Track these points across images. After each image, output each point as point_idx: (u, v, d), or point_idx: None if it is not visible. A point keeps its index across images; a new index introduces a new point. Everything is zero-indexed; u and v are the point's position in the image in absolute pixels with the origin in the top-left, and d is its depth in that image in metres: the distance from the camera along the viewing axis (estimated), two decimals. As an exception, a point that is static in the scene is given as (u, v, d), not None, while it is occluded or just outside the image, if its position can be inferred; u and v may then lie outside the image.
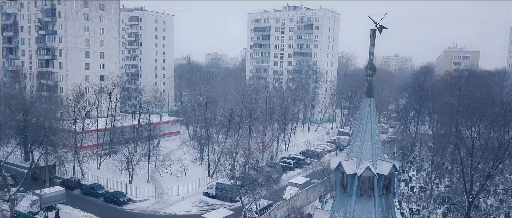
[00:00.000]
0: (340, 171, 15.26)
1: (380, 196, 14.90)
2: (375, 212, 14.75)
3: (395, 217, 15.20)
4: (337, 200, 15.59)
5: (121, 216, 48.45)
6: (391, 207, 15.22)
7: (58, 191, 49.19)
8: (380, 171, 14.73)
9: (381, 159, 15.12)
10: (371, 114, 15.31)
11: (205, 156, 67.06)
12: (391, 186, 15.21)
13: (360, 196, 14.95)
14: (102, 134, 73.15)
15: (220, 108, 75.83)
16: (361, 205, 14.93)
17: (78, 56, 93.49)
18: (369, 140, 15.21)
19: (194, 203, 53.20)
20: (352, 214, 14.89)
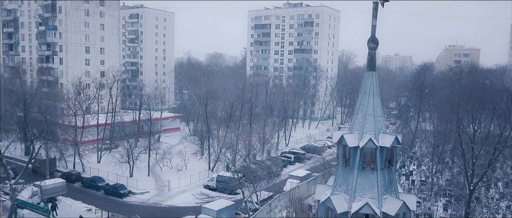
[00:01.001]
0: (342, 145, 15.22)
1: (383, 169, 14.86)
2: (378, 185, 14.71)
3: (398, 190, 15.17)
4: (339, 174, 15.55)
5: (121, 208, 48.33)
6: (393, 181, 15.18)
7: (58, 183, 49.14)
8: (382, 143, 14.70)
9: (384, 133, 15.09)
10: (373, 87, 15.27)
11: (206, 150, 67.01)
12: (394, 159, 15.17)
13: (362, 169, 14.91)
14: (103, 129, 73.17)
15: (220, 103, 75.68)
16: (363, 178, 14.90)
17: (78, 51, 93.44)
18: (371, 114, 15.18)
19: (194, 195, 53.18)
20: (354, 187, 14.86)
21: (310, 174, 56.25)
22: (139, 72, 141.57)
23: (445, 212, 47.90)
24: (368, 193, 14.72)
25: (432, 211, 47.43)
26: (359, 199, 14.70)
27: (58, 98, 68.12)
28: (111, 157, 60.03)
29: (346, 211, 14.69)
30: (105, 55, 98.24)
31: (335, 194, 15.08)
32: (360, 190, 14.81)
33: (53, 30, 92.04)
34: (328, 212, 15.11)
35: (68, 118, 64.65)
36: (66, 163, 63.22)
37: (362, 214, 14.36)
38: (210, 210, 40.07)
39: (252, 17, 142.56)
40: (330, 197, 14.85)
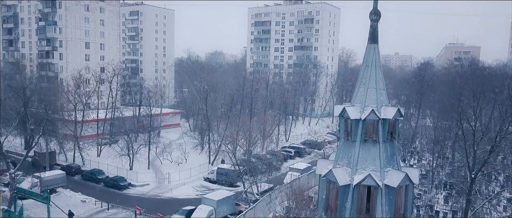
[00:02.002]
0: (344, 118, 15.09)
1: (385, 142, 14.71)
2: (380, 158, 14.58)
3: (400, 164, 15.05)
4: (341, 148, 15.42)
5: (121, 200, 48.19)
6: (395, 154, 15.05)
7: (58, 175, 49.09)
8: (384, 115, 14.56)
9: (386, 105, 14.97)
10: (376, 60, 15.14)
11: (206, 144, 66.90)
12: (396, 132, 15.04)
13: (364, 142, 14.77)
14: (103, 124, 73.07)
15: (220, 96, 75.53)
16: (365, 150, 14.76)
17: (78, 47, 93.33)
18: (373, 86, 15.05)
19: (194, 187, 53.10)
20: (356, 160, 14.73)
21: (310, 167, 56.14)
22: (139, 69, 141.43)
23: (446, 204, 47.83)
24: (370, 166, 14.59)
25: (433, 203, 47.36)
26: (361, 172, 14.56)
27: (57, 92, 67.82)
28: (111, 150, 59.98)
29: (348, 184, 14.57)
30: (105, 51, 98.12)
31: (337, 167, 14.96)
32: (362, 163, 14.67)
33: (53, 25, 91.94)
34: (330, 185, 14.97)
35: (68, 112, 64.50)
36: (66, 156, 63.12)
37: (364, 186, 14.24)
38: (210, 200, 39.99)
39: (252, 14, 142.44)
40: (331, 170, 14.71)
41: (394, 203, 14.41)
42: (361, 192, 14.35)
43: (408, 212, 14.93)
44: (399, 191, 14.35)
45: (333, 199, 14.89)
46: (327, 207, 15.20)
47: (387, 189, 14.42)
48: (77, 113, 65.56)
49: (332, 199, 14.95)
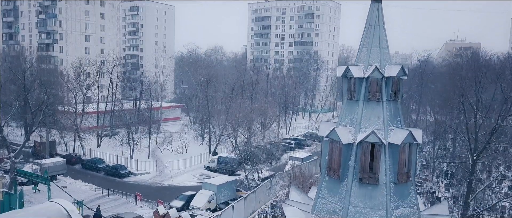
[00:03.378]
0: (348, 77, 14.97)
1: (388, 101, 14.58)
2: (383, 116, 14.44)
3: (403, 123, 14.93)
4: (344, 108, 15.31)
5: (121, 187, 48.10)
6: (399, 113, 14.92)
7: (58, 162, 49.02)
8: (388, 73, 14.44)
9: (389, 64, 14.85)
10: (379, 19, 15.00)
11: (206, 134, 66.78)
12: (399, 91, 14.90)
13: (367, 101, 14.63)
14: (103, 116, 72.95)
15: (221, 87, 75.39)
16: (368, 109, 14.62)
17: (78, 40, 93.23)
18: (377, 45, 14.90)
19: (195, 176, 53.02)
20: (359, 119, 14.60)
21: (311, 156, 56.08)
22: (139, 64, 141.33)
23: (447, 192, 47.75)
24: (374, 125, 14.45)
25: (434, 190, 47.31)
26: (364, 130, 14.43)
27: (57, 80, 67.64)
28: (111, 141, 59.93)
29: (351, 143, 14.45)
30: (105, 44, 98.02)
31: (340, 127, 14.85)
32: (365, 122, 14.54)
33: (53, 18, 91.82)
34: (333, 145, 14.83)
35: (68, 101, 64.40)
36: (66, 146, 63.04)
37: (367, 144, 14.11)
38: (211, 185, 39.89)
39: (252, 10, 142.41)
40: (334, 129, 14.57)
41: (398, 161, 14.29)
42: (365, 150, 14.22)
43: (412, 171, 14.81)
44: (403, 149, 14.22)
45: (336, 158, 14.76)
46: (330, 167, 15.06)
47: (390, 147, 14.31)
48: (78, 105, 65.56)
49: (335, 159, 14.81)
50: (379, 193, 14.21)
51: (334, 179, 14.88)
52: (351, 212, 14.21)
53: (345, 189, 14.47)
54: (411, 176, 14.79)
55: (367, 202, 14.20)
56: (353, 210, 14.21)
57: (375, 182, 14.19)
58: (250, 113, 54.53)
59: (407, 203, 14.43)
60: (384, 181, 14.17)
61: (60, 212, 29.22)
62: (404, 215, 14.21)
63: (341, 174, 14.61)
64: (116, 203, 42.09)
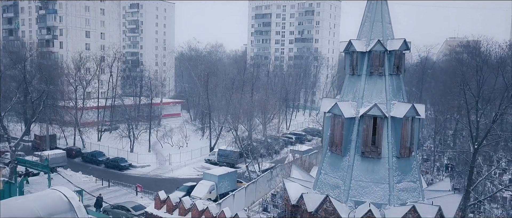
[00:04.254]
0: (350, 52, 14.90)
1: (391, 75, 14.53)
2: (386, 90, 14.39)
3: (405, 98, 14.86)
4: (346, 84, 15.25)
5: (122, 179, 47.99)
6: (401, 88, 14.87)
7: (59, 154, 48.94)
8: (391, 47, 14.38)
9: (392, 39, 14.79)
10: (382, -6, 14.94)
11: (207, 128, 66.65)
12: (402, 65, 14.84)
13: (370, 75, 14.58)
14: (103, 111, 72.78)
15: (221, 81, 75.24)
16: (370, 84, 14.57)
17: (78, 35, 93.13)
18: (379, 20, 14.84)
19: (195, 168, 52.93)
20: (361, 93, 14.54)
21: (311, 149, 56.00)
22: (139, 62, 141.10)
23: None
24: (376, 99, 14.40)
25: (434, 182, 47.15)
26: (366, 105, 14.37)
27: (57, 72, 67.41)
28: (112, 134, 59.85)
29: (354, 117, 14.39)
30: (106, 41, 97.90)
31: (342, 101, 14.79)
32: (367, 96, 14.49)
33: (53, 14, 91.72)
34: (335, 120, 14.76)
35: (68, 94, 64.31)
36: (67, 140, 62.94)
37: (370, 117, 14.04)
38: (211, 175, 39.80)
39: (252, 7, 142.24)
40: (337, 103, 14.51)
41: (400, 135, 14.24)
42: (367, 124, 14.17)
43: (414, 146, 14.76)
44: (405, 123, 14.18)
45: (338, 133, 14.70)
46: (332, 143, 15.01)
47: (393, 121, 14.27)
48: (78, 99, 65.44)
49: (337, 133, 14.75)
50: (382, 167, 14.17)
51: (336, 154, 14.83)
52: (354, 186, 14.15)
53: (347, 164, 14.43)
54: (413, 151, 14.75)
55: (369, 176, 14.16)
56: (356, 184, 14.16)
57: (377, 156, 14.15)
58: (250, 104, 54.42)
59: (410, 178, 14.39)
60: (386, 155, 14.14)
61: (61, 199, 29.05)
62: (406, 189, 14.16)
63: (343, 149, 14.56)
64: (116, 194, 42.01)
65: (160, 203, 25.46)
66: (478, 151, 31.61)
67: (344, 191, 14.24)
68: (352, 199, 14.08)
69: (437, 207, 13.17)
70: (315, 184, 15.49)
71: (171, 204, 24.75)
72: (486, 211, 37.81)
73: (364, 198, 13.91)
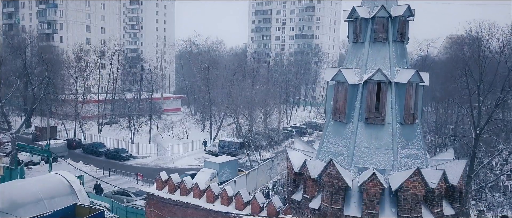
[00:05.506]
0: (353, 19, 14.81)
1: (395, 41, 14.41)
2: (389, 56, 14.29)
3: (409, 65, 14.77)
4: (350, 52, 15.17)
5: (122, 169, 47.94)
6: (405, 55, 14.77)
7: (59, 144, 48.94)
8: (395, 13, 14.28)
9: (395, 5, 14.69)
10: (385, -40, 14.84)
11: (207, 121, 66.65)
12: (406, 32, 14.74)
13: (373, 42, 14.47)
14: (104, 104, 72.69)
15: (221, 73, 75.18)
16: (374, 50, 14.47)
17: (79, 30, 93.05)
18: (382, -13, 14.74)
19: (196, 159, 52.89)
20: (365, 60, 14.45)
21: (312, 140, 55.89)
22: (139, 58, 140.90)
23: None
24: (380, 66, 14.28)
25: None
26: (370, 71, 14.28)
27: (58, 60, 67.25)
28: (112, 127, 59.81)
29: (357, 84, 14.29)
30: (106, 35, 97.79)
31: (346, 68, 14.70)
32: (371, 63, 14.38)
33: (54, 8, 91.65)
34: (338, 88, 14.66)
35: (69, 86, 64.26)
36: (67, 133, 62.88)
37: (373, 83, 13.94)
38: (213, 163, 39.74)
39: (253, 3, 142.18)
40: (340, 70, 14.40)
41: (404, 101, 14.14)
42: (371, 90, 14.05)
43: (418, 112, 14.66)
44: (409, 89, 14.06)
45: (342, 100, 14.60)
46: (335, 111, 14.89)
47: (397, 86, 14.17)
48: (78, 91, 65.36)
49: (340, 101, 14.65)
50: (386, 133, 14.06)
51: (340, 122, 14.72)
52: (357, 153, 14.04)
53: (350, 130, 14.31)
54: (417, 118, 14.65)
55: (373, 142, 14.05)
56: (359, 150, 14.05)
57: (381, 122, 14.03)
58: (251, 93, 54.31)
59: (414, 145, 14.28)
60: (390, 121, 14.02)
61: (62, 183, 29.13)
62: (410, 156, 14.06)
63: (346, 116, 14.45)
64: (117, 182, 41.90)
65: (161, 184, 25.41)
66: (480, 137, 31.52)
67: (348, 157, 14.14)
68: (355, 165, 13.99)
69: (442, 171, 13.09)
70: (318, 153, 15.40)
71: (173, 184, 24.71)
72: (488, 199, 37.77)
73: (368, 164, 13.80)
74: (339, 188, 13.07)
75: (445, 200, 13.64)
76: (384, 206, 13.01)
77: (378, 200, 12.82)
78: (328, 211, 13.24)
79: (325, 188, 13.31)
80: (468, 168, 35.84)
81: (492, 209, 35.07)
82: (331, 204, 13.20)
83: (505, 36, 32.46)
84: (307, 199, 14.25)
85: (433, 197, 13.07)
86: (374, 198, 12.80)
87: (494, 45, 32.17)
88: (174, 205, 24.12)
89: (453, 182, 13.47)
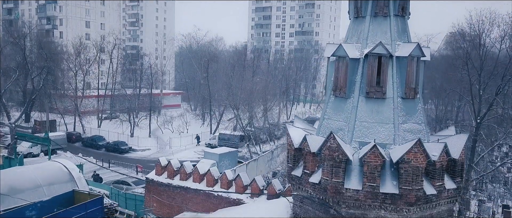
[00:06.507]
0: (354, -6, 14.70)
1: (396, 16, 14.31)
2: (391, 30, 14.19)
3: (411, 40, 14.66)
4: (351, 27, 15.04)
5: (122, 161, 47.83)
6: (406, 30, 14.65)
7: (59, 135, 48.78)
8: (395, -14, 14.16)
9: (397, -21, 14.55)
10: None
11: (207, 116, 66.52)
12: (407, 7, 14.63)
13: (374, 16, 14.36)
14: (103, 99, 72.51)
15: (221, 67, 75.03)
16: (375, 25, 14.36)
17: (78, 26, 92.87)
18: (383, -39, 14.61)
19: (196, 152, 52.74)
20: (366, 34, 14.34)
21: (312, 133, 55.76)
22: (139, 55, 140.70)
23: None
24: (381, 39, 14.18)
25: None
26: (371, 45, 14.17)
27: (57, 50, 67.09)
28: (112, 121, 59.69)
29: (358, 58, 14.18)
30: (106, 31, 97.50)
31: (346, 43, 14.59)
32: (372, 37, 14.27)
33: (53, 3, 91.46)
34: (339, 63, 14.54)
35: (68, 79, 64.14)
36: (66, 126, 62.73)
37: (374, 56, 13.83)
38: (212, 154, 39.51)
39: (253, 1, 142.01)
40: (341, 45, 14.30)
41: (406, 75, 14.03)
42: (372, 63, 13.94)
43: (419, 89, 14.55)
44: (410, 63, 13.95)
45: (342, 75, 14.49)
46: (336, 86, 14.78)
47: (398, 60, 14.07)
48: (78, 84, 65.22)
49: (341, 76, 14.55)
50: (387, 107, 13.95)
51: (340, 97, 14.60)
52: (358, 127, 13.93)
53: (351, 105, 14.20)
54: (418, 93, 14.53)
55: (374, 117, 13.93)
56: (360, 125, 13.94)
57: (382, 96, 13.92)
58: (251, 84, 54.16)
59: (415, 119, 14.16)
60: (391, 95, 13.91)
61: (61, 170, 28.92)
62: (412, 130, 13.94)
63: (347, 91, 14.33)
64: (117, 174, 41.77)
65: (161, 169, 25.35)
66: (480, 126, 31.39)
67: (348, 132, 14.03)
68: (356, 140, 13.87)
69: (443, 144, 12.99)
70: (318, 130, 15.29)
71: (172, 169, 24.65)
72: (488, 189, 37.67)
73: (369, 139, 13.68)
74: (339, 161, 12.96)
75: (447, 174, 13.54)
76: (385, 179, 12.90)
77: (379, 172, 12.72)
78: (328, 185, 13.13)
79: (326, 162, 13.19)
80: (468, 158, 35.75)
81: (492, 199, 34.96)
82: (331, 177, 13.09)
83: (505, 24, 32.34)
84: (307, 174, 14.14)
85: (435, 170, 12.95)
86: (375, 170, 12.70)
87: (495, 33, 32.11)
88: (173, 190, 24.05)
89: (454, 155, 13.35)
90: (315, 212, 14.25)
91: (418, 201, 12.67)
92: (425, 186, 12.76)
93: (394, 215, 12.84)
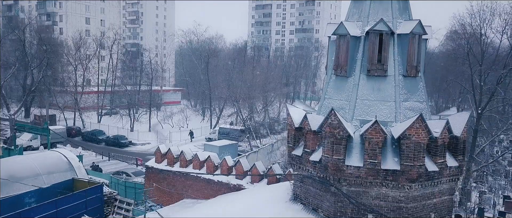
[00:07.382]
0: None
1: (397, -6, 14.22)
2: (392, 9, 14.08)
3: (411, 16, 14.55)
4: (351, 6, 14.94)
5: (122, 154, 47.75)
6: (408, 8, 14.54)
7: (58, 129, 48.66)
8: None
9: (398, -42, 14.44)
10: None
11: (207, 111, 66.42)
12: (409, -15, 14.54)
13: (375, -4, 14.27)
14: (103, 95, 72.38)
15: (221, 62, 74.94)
16: (376, 3, 14.22)
17: (78, 22, 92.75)
18: None
19: (196, 146, 52.55)
20: (367, 14, 14.23)
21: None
22: (139, 53, 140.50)
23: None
24: (382, 17, 14.06)
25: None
26: (372, 23, 14.06)
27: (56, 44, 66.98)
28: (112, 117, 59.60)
29: (359, 36, 14.07)
30: (105, 28, 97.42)
31: (347, 21, 14.48)
32: (373, 15, 14.16)
33: (53, 0, 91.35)
34: (340, 41, 14.42)
35: (68, 74, 64.05)
36: (66, 121, 62.62)
37: (376, 34, 13.71)
38: (212, 146, 39.29)
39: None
40: (342, 23, 14.18)
41: (407, 52, 13.91)
42: (373, 40, 13.82)
43: (420, 65, 14.43)
44: (412, 40, 13.83)
45: (343, 54, 14.37)
46: (337, 65, 14.65)
47: (399, 38, 13.96)
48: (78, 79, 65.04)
49: (342, 54, 14.42)
50: (388, 85, 13.83)
51: (341, 76, 14.48)
52: (359, 105, 13.82)
53: (352, 83, 14.08)
54: (420, 72, 14.41)
55: (375, 95, 13.82)
56: (361, 103, 13.82)
57: (383, 74, 13.81)
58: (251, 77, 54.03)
59: (416, 98, 14.05)
60: (392, 73, 13.80)
61: (60, 159, 28.92)
62: (413, 108, 13.82)
63: (348, 69, 14.22)
64: (117, 166, 41.71)
65: (160, 156, 25.23)
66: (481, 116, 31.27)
67: (349, 110, 13.91)
68: (357, 118, 13.75)
69: (445, 120, 12.87)
70: (319, 109, 15.16)
71: (172, 156, 24.54)
72: (489, 181, 37.56)
73: (370, 117, 13.55)
74: (340, 137, 12.83)
75: (449, 152, 13.42)
76: (387, 156, 12.78)
77: (380, 149, 12.60)
78: (329, 163, 13.00)
79: (326, 139, 13.07)
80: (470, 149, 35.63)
81: (493, 191, 34.84)
82: (332, 155, 12.96)
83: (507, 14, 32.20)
84: (307, 153, 14.02)
85: (437, 147, 12.82)
86: (376, 147, 12.57)
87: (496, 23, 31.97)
88: (173, 177, 23.95)
89: (456, 133, 13.23)
90: (316, 191, 14.15)
91: (419, 178, 12.54)
92: (426, 163, 12.63)
93: (396, 192, 12.73)
